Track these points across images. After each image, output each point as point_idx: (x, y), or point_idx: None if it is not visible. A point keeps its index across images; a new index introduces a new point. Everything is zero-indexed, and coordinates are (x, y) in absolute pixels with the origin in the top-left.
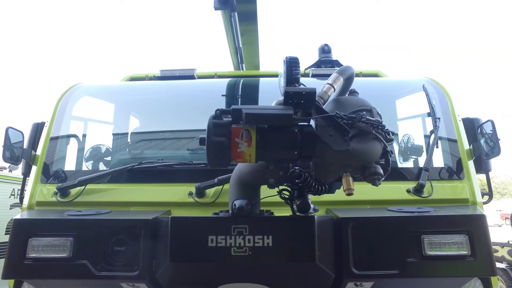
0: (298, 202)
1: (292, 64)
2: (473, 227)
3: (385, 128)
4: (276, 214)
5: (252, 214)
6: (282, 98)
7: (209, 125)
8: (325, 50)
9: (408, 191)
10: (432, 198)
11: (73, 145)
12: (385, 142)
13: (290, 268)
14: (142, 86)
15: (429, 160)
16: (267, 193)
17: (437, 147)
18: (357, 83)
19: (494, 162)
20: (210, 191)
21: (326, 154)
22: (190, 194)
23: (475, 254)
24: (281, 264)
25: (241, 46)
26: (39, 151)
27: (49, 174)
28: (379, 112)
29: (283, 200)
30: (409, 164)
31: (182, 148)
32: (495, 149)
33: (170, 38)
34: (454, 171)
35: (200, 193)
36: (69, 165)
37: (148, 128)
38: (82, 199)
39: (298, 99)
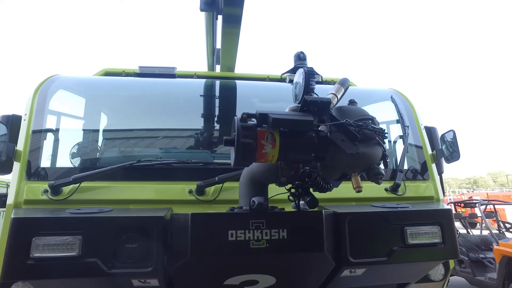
0: (308, 199)
1: (309, 75)
2: (443, 219)
3: (385, 135)
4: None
5: (268, 210)
6: (292, 104)
7: (238, 127)
8: (300, 57)
9: (386, 189)
10: (406, 196)
11: (57, 141)
12: (384, 147)
13: (300, 258)
14: (129, 82)
15: (402, 162)
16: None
17: (407, 151)
18: (329, 90)
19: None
20: (209, 189)
21: (338, 157)
22: (190, 192)
23: (445, 242)
24: (293, 254)
25: (219, 47)
26: (20, 146)
27: (35, 171)
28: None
29: (292, 197)
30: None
31: (176, 147)
32: (454, 154)
33: (144, 33)
34: (420, 173)
35: (201, 191)
36: (56, 161)
37: (137, 125)
38: (76, 197)
39: (314, 107)
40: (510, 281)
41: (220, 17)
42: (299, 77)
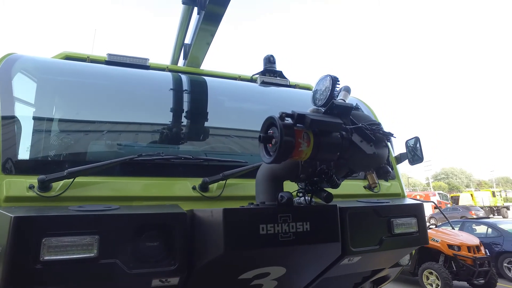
0: (325, 194)
1: (335, 82)
2: (418, 212)
3: (390, 139)
4: None
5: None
6: (312, 107)
7: (280, 126)
8: (270, 60)
9: (364, 187)
10: (380, 193)
11: (34, 130)
12: (390, 149)
13: (317, 248)
14: (113, 70)
15: None
16: None
17: None
18: (294, 95)
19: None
20: (212, 186)
21: (357, 156)
22: (194, 188)
23: (419, 231)
24: (314, 245)
25: (190, 43)
26: None
27: (13, 163)
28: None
29: (305, 193)
30: None
31: (178, 142)
32: (415, 157)
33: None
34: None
35: (205, 187)
36: (37, 153)
37: (131, 117)
38: (69, 193)
39: (338, 111)
40: (420, 265)
41: (196, 12)
42: (322, 84)
